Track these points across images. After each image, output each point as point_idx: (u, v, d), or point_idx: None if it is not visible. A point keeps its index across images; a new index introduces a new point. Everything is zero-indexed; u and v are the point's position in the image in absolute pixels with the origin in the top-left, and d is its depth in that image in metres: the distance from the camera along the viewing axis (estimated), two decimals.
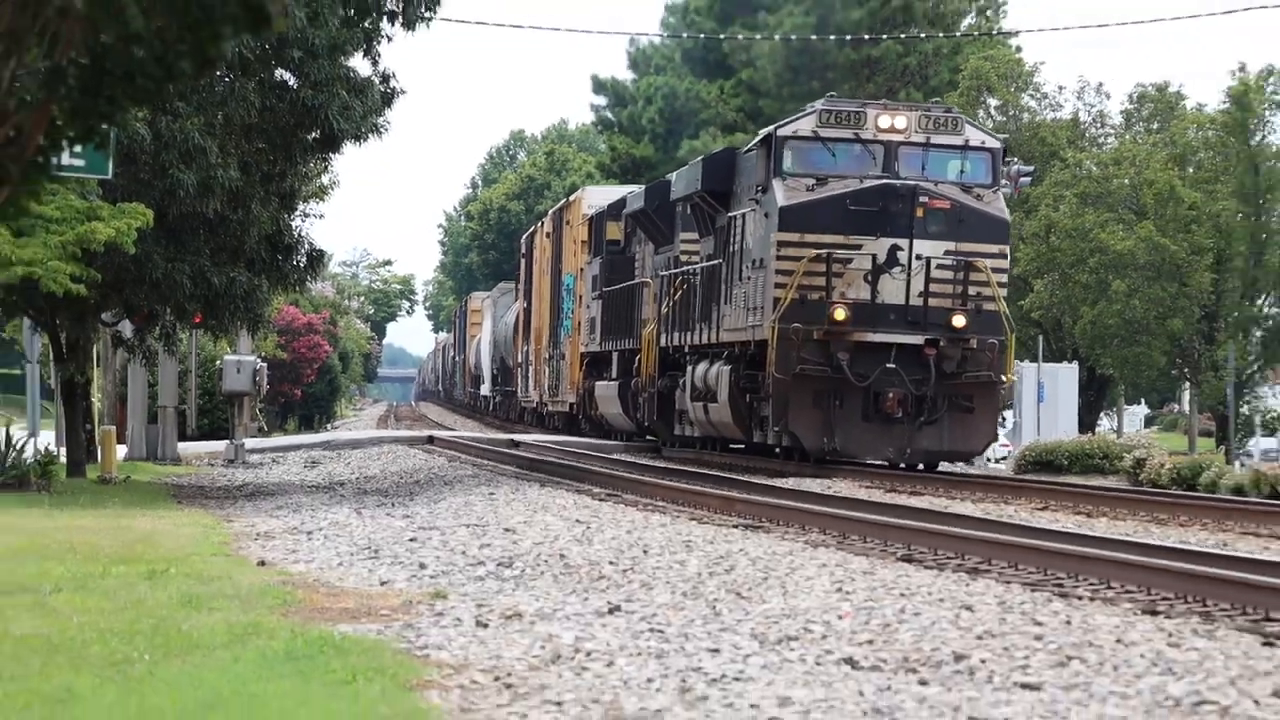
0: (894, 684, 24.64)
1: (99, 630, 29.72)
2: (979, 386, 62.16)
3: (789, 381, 59.18)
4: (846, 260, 59.55)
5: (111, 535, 48.05)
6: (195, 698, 23.47)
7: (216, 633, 29.77)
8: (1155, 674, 25.58)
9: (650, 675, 25.53)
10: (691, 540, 44.81)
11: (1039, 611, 31.93)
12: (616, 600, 33.74)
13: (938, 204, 59.81)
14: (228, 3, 18.07)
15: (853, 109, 63.76)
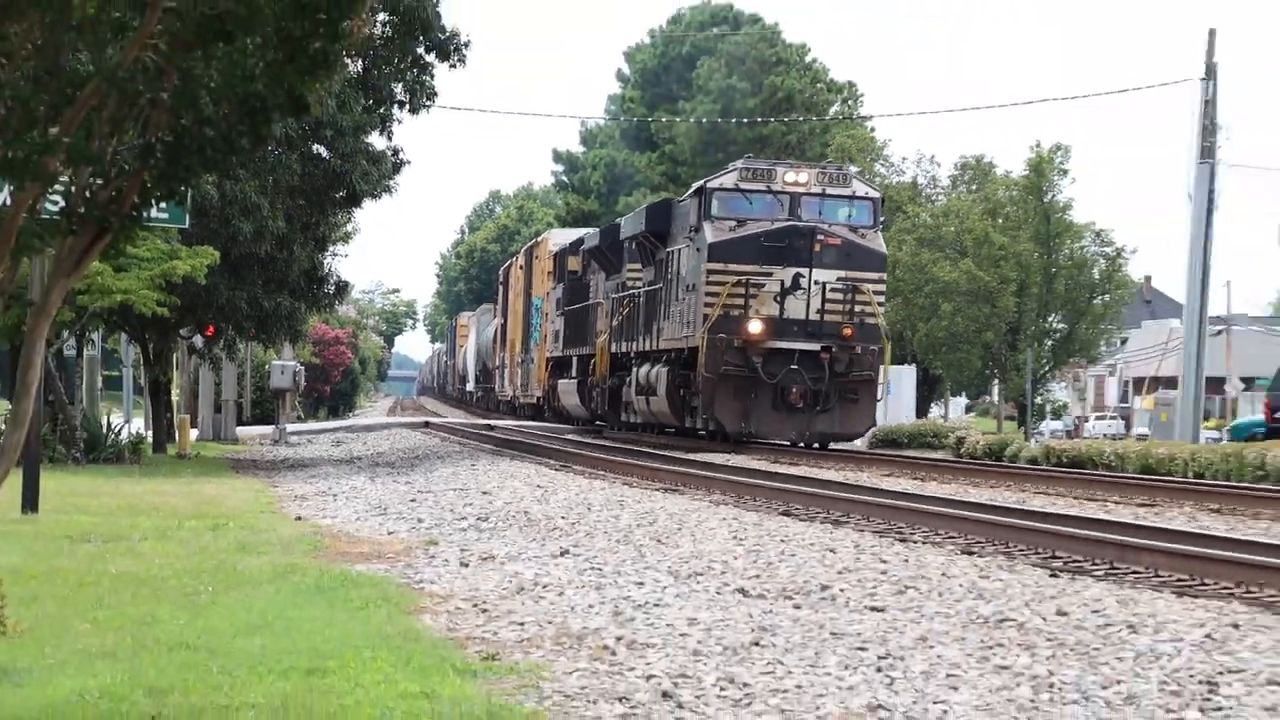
0: (774, 608, 25.15)
1: (175, 569, 30.27)
2: (862, 383, 63.68)
3: (715, 379, 60.69)
4: (760, 285, 61.13)
5: (185, 497, 48.35)
6: (246, 620, 23.97)
7: (263, 571, 30.32)
8: (970, 599, 26.07)
9: (591, 602, 26.05)
10: (624, 500, 45.07)
11: (884, 553, 32.45)
12: (566, 545, 34.41)
13: (831, 241, 62.13)
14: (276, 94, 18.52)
15: (765, 167, 65.72)
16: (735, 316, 60.70)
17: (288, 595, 26.96)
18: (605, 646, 21.91)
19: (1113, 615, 24.42)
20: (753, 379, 61.14)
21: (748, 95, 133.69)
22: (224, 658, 20.79)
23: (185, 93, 17.56)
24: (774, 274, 61.53)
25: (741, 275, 61.07)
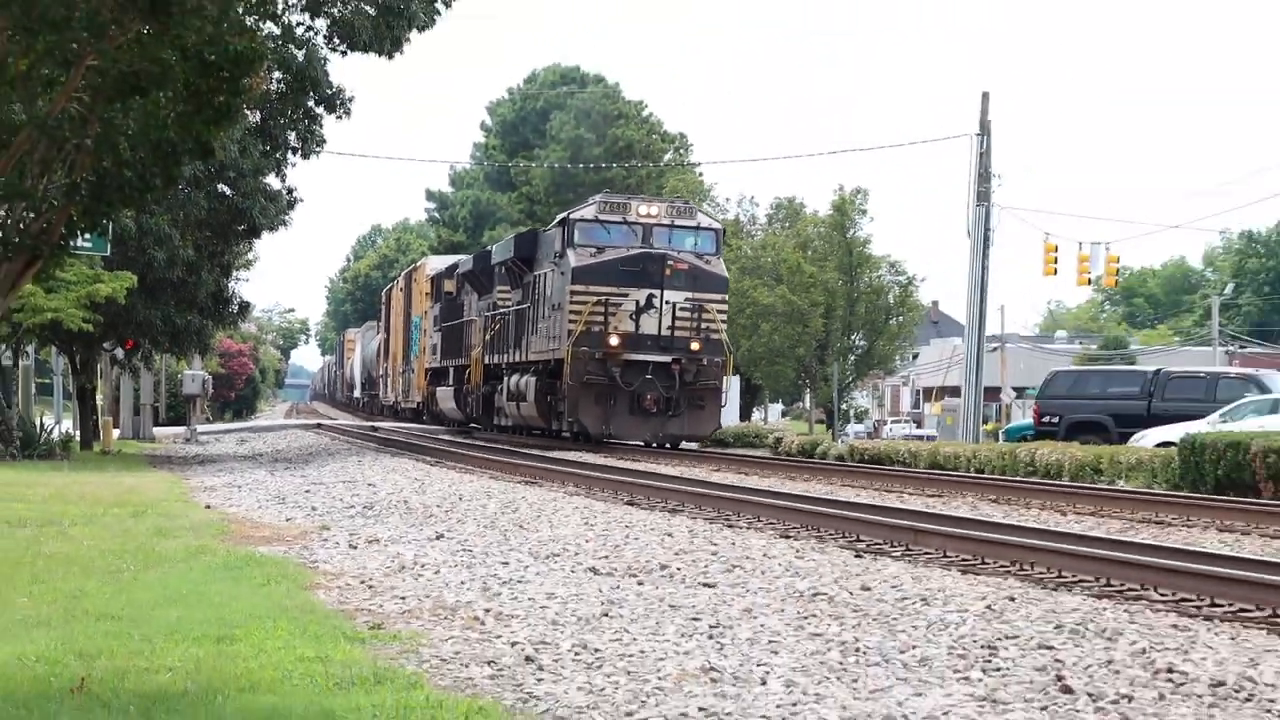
0: (621, 584, 25.12)
1: (100, 550, 30.20)
2: (708, 390, 63.27)
3: (579, 387, 60.55)
4: (618, 304, 60.98)
5: (109, 488, 48.21)
6: (164, 594, 24.07)
7: (178, 552, 30.29)
8: (788, 576, 26.03)
9: (463, 579, 26.07)
10: (491, 491, 45.02)
11: (714, 536, 32.43)
12: (441, 530, 34.40)
13: (680, 266, 61.71)
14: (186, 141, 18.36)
15: (621, 200, 65.69)
16: (596, 332, 60.52)
17: (200, 573, 26.91)
18: (475, 617, 21.87)
19: (908, 590, 24.48)
20: (612, 387, 60.76)
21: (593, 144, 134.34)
22: (145, 626, 20.70)
23: (106, 139, 17.44)
24: (630, 295, 61.09)
25: (601, 296, 61.01)
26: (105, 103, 16.93)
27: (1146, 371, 76.67)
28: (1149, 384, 70.96)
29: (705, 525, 35.58)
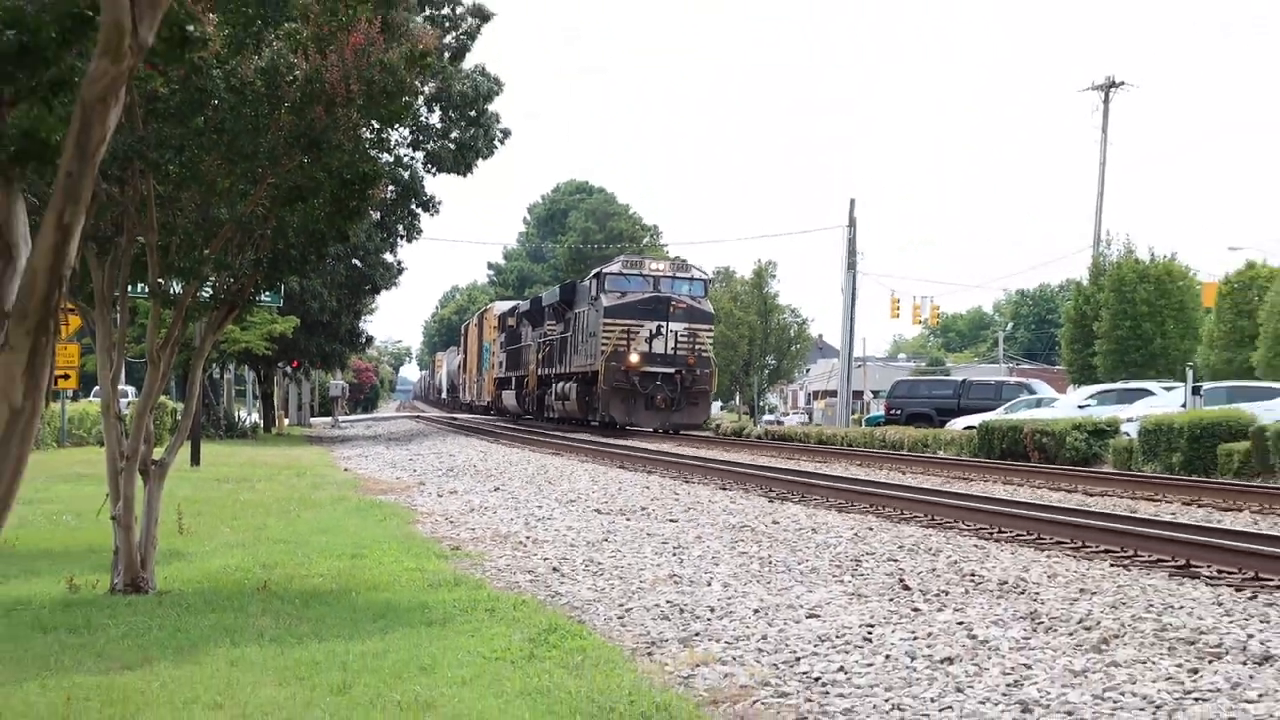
0: (615, 520, 25.18)
1: (276, 498, 30.19)
2: (701, 392, 63.09)
3: (610, 390, 60.30)
4: (637, 332, 60.50)
5: (281, 457, 48.13)
6: (317, 526, 24.21)
7: (326, 499, 30.37)
8: (724, 514, 26.00)
9: (512, 516, 26.13)
10: (530, 460, 44.93)
11: (677, 489, 32.35)
12: (498, 485, 34.31)
13: (680, 305, 61.82)
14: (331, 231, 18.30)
15: (637, 259, 66.60)
16: (622, 352, 60.09)
17: (340, 512, 27.10)
18: (520, 542, 22.00)
19: (803, 523, 24.51)
20: (633, 390, 60.44)
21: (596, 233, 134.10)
22: (304, 547, 20.78)
23: (279, 230, 17.41)
24: (645, 325, 60.85)
25: (625, 326, 60.70)
26: (279, 206, 16.83)
27: (956, 380, 77.51)
28: (958, 389, 71.89)
29: (670, 481, 35.34)
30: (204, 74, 14.67)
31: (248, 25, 14.95)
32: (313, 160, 16.49)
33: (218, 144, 15.52)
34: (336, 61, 15.93)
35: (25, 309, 5.70)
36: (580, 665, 12.10)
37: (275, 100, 15.57)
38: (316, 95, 15.93)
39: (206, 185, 16.24)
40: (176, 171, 15.67)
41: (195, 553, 20.22)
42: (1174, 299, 68.97)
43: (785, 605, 15.07)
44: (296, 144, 16.19)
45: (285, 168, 16.34)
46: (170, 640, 13.21)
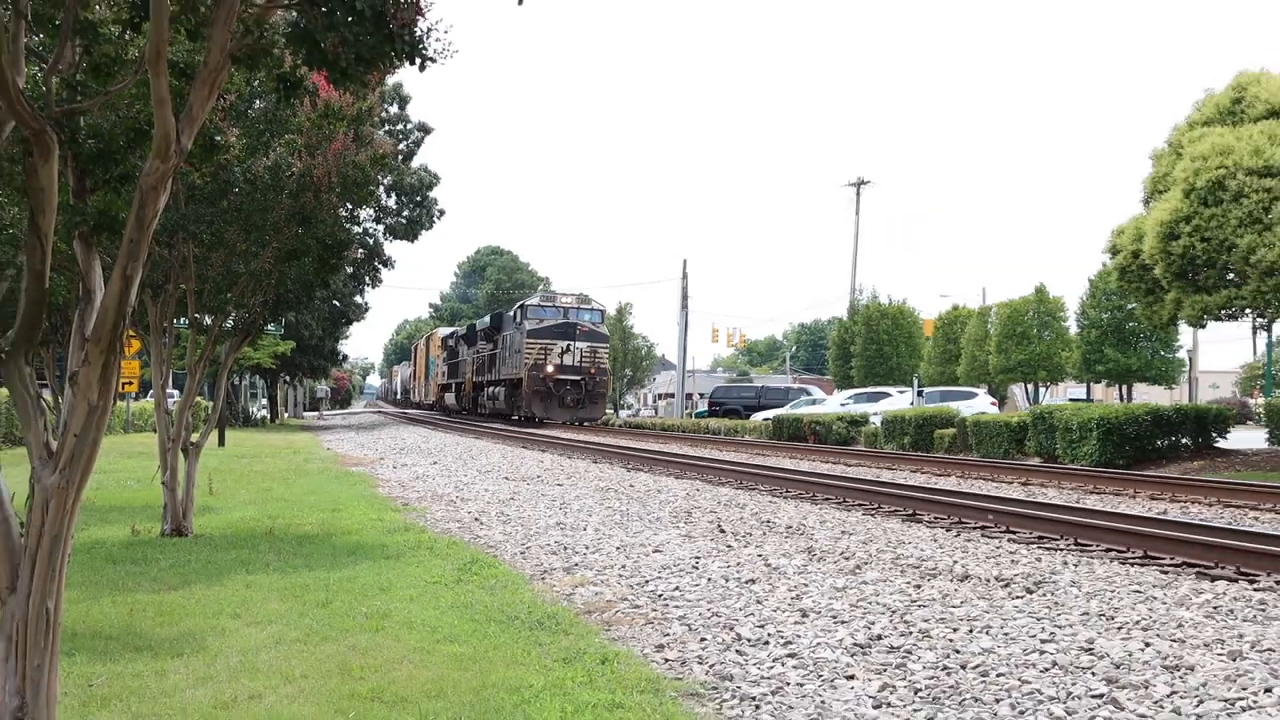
0: (519, 486, 24.93)
1: (278, 469, 29.78)
2: (599, 395, 61.54)
3: (532, 392, 58.77)
4: (552, 349, 59.04)
5: (282, 440, 47.62)
6: (307, 489, 23.81)
7: (314, 469, 29.97)
8: (596, 479, 25.84)
9: (445, 482, 25.88)
10: (460, 441, 44.59)
11: (561, 462, 32.11)
12: (436, 460, 33.93)
13: (584, 329, 60.41)
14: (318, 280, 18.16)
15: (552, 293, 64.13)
16: (540, 363, 58.81)
17: (324, 479, 26.78)
18: (450, 500, 21.82)
19: (650, 486, 24.43)
20: (548, 392, 59.13)
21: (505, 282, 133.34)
22: (298, 504, 20.59)
23: (281, 280, 17.27)
24: (558, 344, 59.60)
25: (543, 345, 59.38)
26: (280, 263, 16.66)
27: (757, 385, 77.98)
28: (758, 392, 72.23)
29: (558, 457, 34.91)
30: (227, 170, 14.58)
31: (259, 136, 14.87)
32: (305, 231, 16.48)
33: (237, 219, 15.49)
34: (322, 162, 15.99)
35: (100, 335, 5.67)
36: (494, 587, 12.13)
37: (278, 189, 15.59)
38: (307, 185, 15.96)
39: (229, 248, 16.19)
40: (208, 239, 15.63)
41: (221, 508, 20.19)
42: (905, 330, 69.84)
43: (638, 544, 15.10)
44: (293, 219, 16.20)
45: (285, 236, 16.31)
46: (203, 569, 13.32)
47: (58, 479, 5.63)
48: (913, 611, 10.43)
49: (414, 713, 7.41)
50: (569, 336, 60.19)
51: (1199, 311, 26.83)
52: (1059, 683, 7.98)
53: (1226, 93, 28.70)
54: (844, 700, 7.79)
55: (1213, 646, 8.89)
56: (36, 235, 5.61)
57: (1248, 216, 25.04)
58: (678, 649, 9.42)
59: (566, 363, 59.59)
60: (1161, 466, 29.18)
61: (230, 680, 8.34)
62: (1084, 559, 13.76)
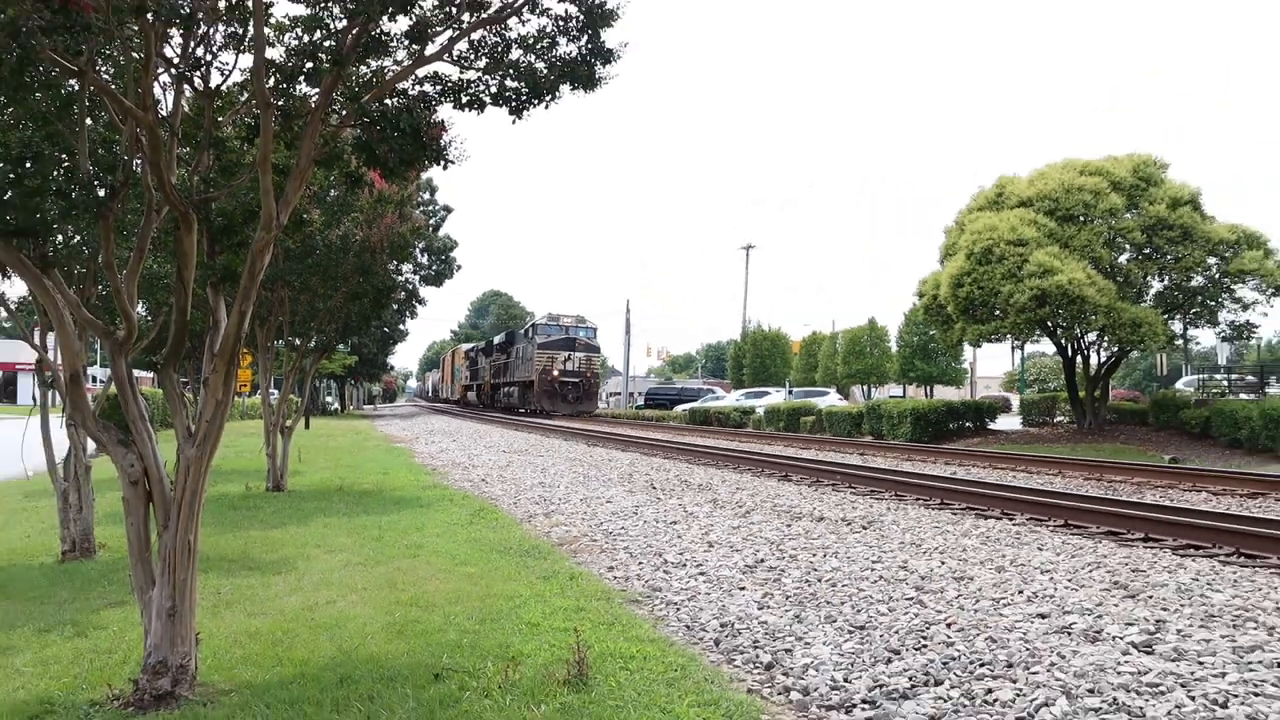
0: (512, 458, 24.62)
1: (345, 445, 29.37)
2: (593, 393, 57.29)
3: (540, 391, 54.80)
4: (556, 357, 55.30)
5: (348, 426, 46.91)
6: (366, 459, 23.54)
7: (370, 445, 29.54)
8: (566, 453, 25.57)
9: (461, 454, 25.60)
10: (474, 427, 44.09)
11: (543, 440, 31.64)
12: (456, 440, 33.45)
13: (581, 342, 56.67)
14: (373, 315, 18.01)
15: (557, 314, 59.23)
16: (548, 369, 55.01)
17: (377, 452, 26.46)
18: (465, 466, 21.66)
19: (605, 457, 24.28)
20: (554, 391, 55.06)
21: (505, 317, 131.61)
22: (359, 469, 20.40)
23: (348, 314, 17.16)
24: (561, 354, 55.86)
25: (550, 354, 55.63)
26: (347, 302, 16.56)
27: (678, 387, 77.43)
28: (679, 391, 71.75)
29: (540, 437, 34.38)
30: (311, 238, 14.50)
31: (333, 214, 14.78)
32: (364, 280, 16.41)
33: (317, 272, 15.40)
34: (376, 232, 15.92)
35: (223, 352, 5.67)
36: (495, 526, 12.11)
37: (346, 250, 15.52)
38: (366, 248, 15.90)
39: (312, 292, 16.11)
40: (297, 285, 15.54)
41: (306, 471, 19.99)
42: (779, 348, 69.75)
43: (595, 497, 15.06)
44: (356, 272, 16.12)
45: (350, 283, 16.23)
46: (294, 514, 13.26)
47: (195, 451, 5.63)
48: (785, 543, 10.47)
49: (440, 614, 7.40)
50: (570, 348, 56.78)
51: (976, 336, 27.19)
52: (884, 590, 8.05)
53: (992, 190, 29.16)
54: (738, 604, 7.83)
55: (985, 564, 8.99)
56: (181, 284, 5.61)
57: (1006, 273, 25.54)
58: (622, 569, 9.44)
59: (568, 369, 56.16)
60: (953, 441, 29.40)
61: (313, 591, 8.32)
62: (901, 505, 13.83)
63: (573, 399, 55.94)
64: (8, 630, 7.14)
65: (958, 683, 5.72)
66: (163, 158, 5.33)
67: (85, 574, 9.19)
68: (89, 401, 5.80)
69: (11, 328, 11.15)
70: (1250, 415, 22.45)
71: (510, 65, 5.73)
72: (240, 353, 5.76)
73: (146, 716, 5.26)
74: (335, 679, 5.78)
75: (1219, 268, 25.71)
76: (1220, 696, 5.24)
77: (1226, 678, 5.53)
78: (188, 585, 5.59)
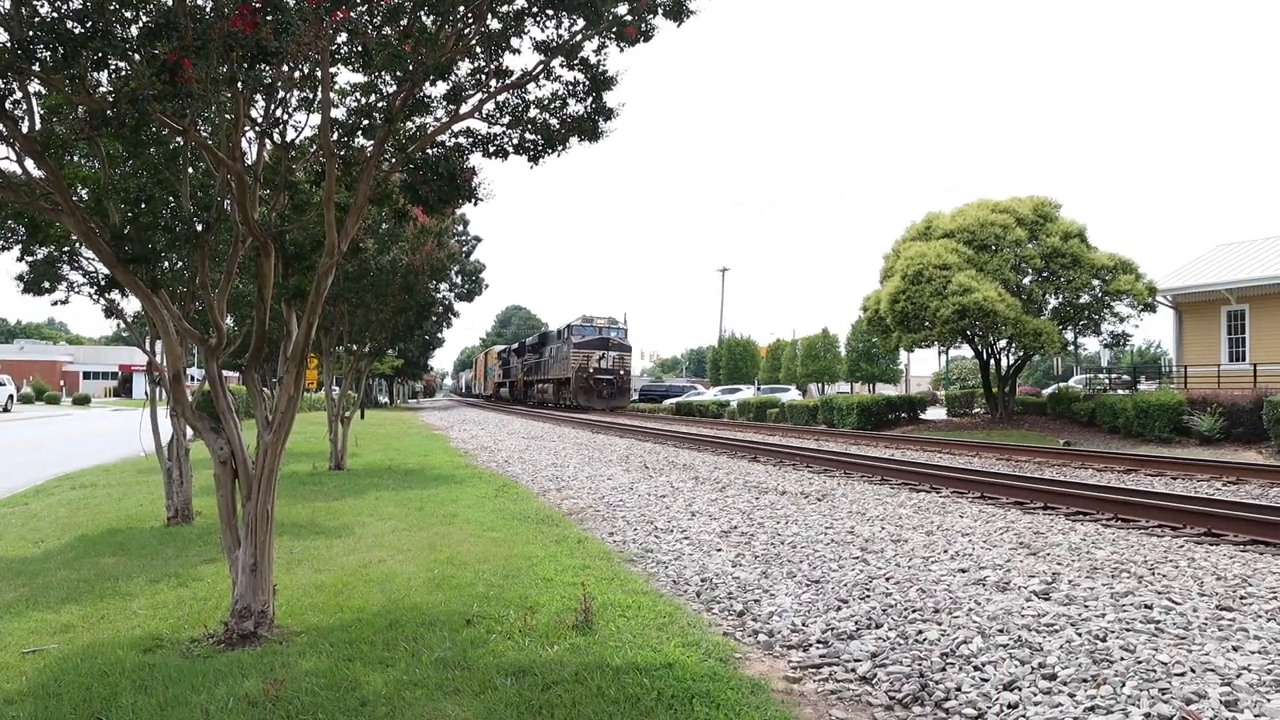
0: (530, 442, 24.35)
1: (392, 433, 29.15)
2: (625, 389, 51.38)
3: (578, 388, 49.74)
4: (590, 356, 50.39)
5: (396, 416, 46.57)
6: (409, 444, 23.26)
7: (414, 432, 29.27)
8: (575, 439, 25.18)
9: (488, 439, 25.34)
10: (497, 416, 43.91)
11: (555, 429, 31.27)
12: (485, 427, 33.13)
13: (614, 342, 51.45)
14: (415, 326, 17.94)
15: (590, 315, 53.88)
16: (584, 366, 50.17)
17: (418, 439, 26.18)
18: (491, 450, 21.52)
19: (606, 442, 24.00)
20: (590, 387, 50.27)
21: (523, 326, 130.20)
22: (404, 452, 20.30)
23: (395, 326, 17.10)
24: (596, 352, 50.87)
25: (586, 352, 50.71)
26: (395, 315, 16.50)
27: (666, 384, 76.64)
28: (668, 388, 70.51)
29: (553, 425, 33.89)
30: (366, 262, 14.47)
31: (384, 242, 14.77)
32: (409, 297, 16.35)
33: (371, 290, 15.35)
34: (419, 257, 15.88)
35: (294, 355, 5.69)
36: (516, 499, 12.09)
37: (394, 272, 15.47)
38: (411, 271, 15.85)
39: (366, 307, 16.04)
40: (354, 301, 15.49)
41: (361, 454, 19.78)
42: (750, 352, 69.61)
43: (599, 475, 15.04)
44: (403, 290, 16.08)
45: (398, 300, 16.18)
46: (351, 488, 13.20)
47: (272, 437, 5.65)
48: (754, 512, 10.48)
49: (471, 570, 7.42)
50: (604, 347, 52.09)
51: (910, 343, 27.25)
52: (835, 551, 8.08)
53: (922, 223, 29.27)
54: (716, 562, 7.85)
55: (917, 529, 9.02)
56: (261, 300, 5.64)
57: (934, 291, 25.67)
58: (620, 534, 9.46)
59: (603, 366, 51.49)
60: (892, 429, 29.37)
61: (367, 551, 8.32)
62: (850, 481, 13.82)
63: (607, 394, 51.55)
64: (126, 580, 7.22)
65: (894, 625, 5.76)
66: (248, 198, 5.40)
67: (185, 536, 9.22)
68: (188, 396, 5.83)
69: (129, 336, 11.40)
70: (1126, 407, 22.68)
71: (529, 122, 5.77)
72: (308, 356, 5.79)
73: (234, 652, 5.31)
74: (386, 623, 5.83)
75: (1101, 288, 26.07)
76: (1101, 632, 5.32)
77: (1106, 617, 5.60)
78: (266, 546, 5.62)
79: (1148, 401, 21.99)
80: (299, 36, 4.35)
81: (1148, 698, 4.43)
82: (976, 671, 4.93)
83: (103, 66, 4.27)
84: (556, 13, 5.27)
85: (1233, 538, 8.49)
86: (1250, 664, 4.78)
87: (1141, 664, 4.84)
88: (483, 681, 4.81)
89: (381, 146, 5.54)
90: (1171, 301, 28.47)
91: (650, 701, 4.52)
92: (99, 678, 4.92)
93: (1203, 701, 4.36)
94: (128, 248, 5.22)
